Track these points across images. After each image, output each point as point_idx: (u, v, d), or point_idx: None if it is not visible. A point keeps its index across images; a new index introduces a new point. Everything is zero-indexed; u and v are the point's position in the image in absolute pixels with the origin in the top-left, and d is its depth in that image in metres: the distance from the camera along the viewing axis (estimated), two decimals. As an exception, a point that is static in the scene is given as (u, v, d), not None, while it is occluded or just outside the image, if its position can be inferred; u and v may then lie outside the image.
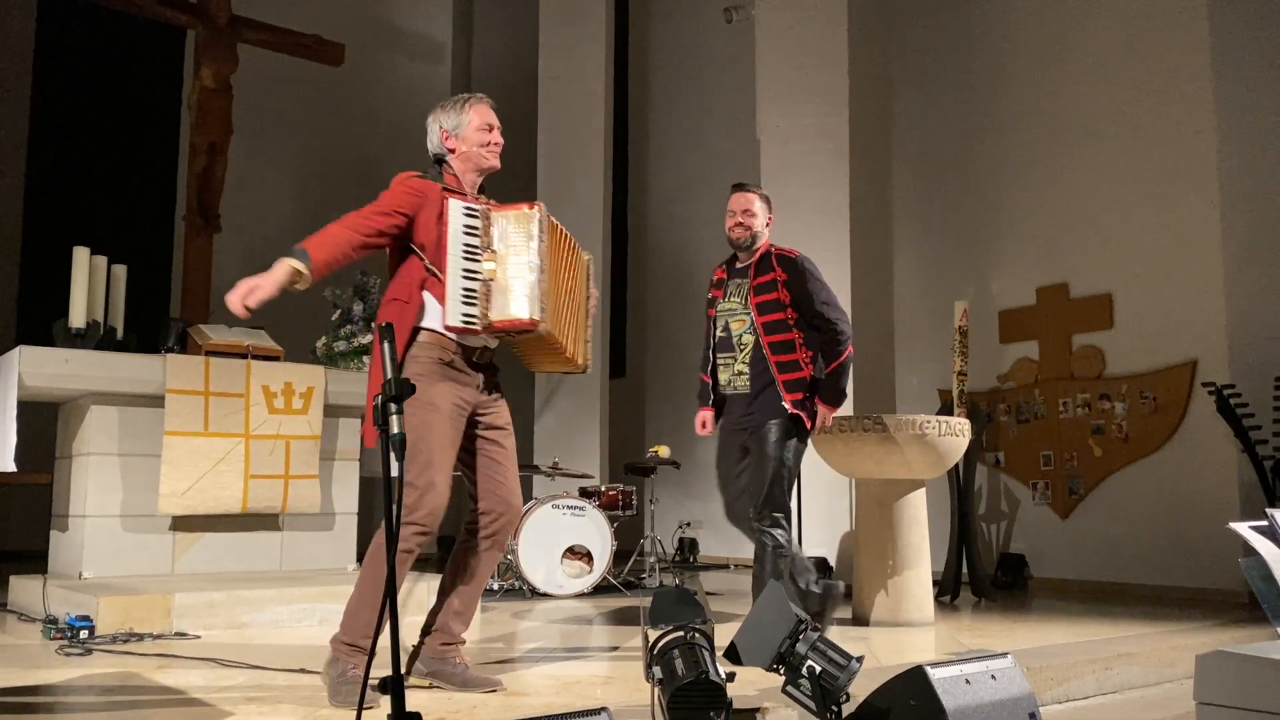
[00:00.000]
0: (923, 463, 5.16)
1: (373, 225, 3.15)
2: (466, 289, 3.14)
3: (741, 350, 4.23)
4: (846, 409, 6.88)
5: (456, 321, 3.15)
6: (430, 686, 3.26)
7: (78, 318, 5.43)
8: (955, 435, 5.17)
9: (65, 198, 9.85)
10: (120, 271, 5.87)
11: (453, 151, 3.36)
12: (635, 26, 11.19)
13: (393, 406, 2.41)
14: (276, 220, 9.62)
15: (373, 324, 3.44)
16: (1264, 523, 3.22)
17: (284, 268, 2.98)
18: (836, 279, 7.07)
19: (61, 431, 5.70)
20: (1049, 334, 7.49)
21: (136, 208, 9.95)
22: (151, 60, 10.14)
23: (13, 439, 4.89)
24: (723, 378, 4.22)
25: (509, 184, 12.43)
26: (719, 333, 4.22)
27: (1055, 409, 7.39)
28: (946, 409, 6.94)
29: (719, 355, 4.23)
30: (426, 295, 3.19)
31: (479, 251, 3.18)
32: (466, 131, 3.34)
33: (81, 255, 5.51)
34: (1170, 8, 6.95)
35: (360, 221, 3.14)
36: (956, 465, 6.09)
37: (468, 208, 3.21)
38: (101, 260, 5.67)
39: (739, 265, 4.33)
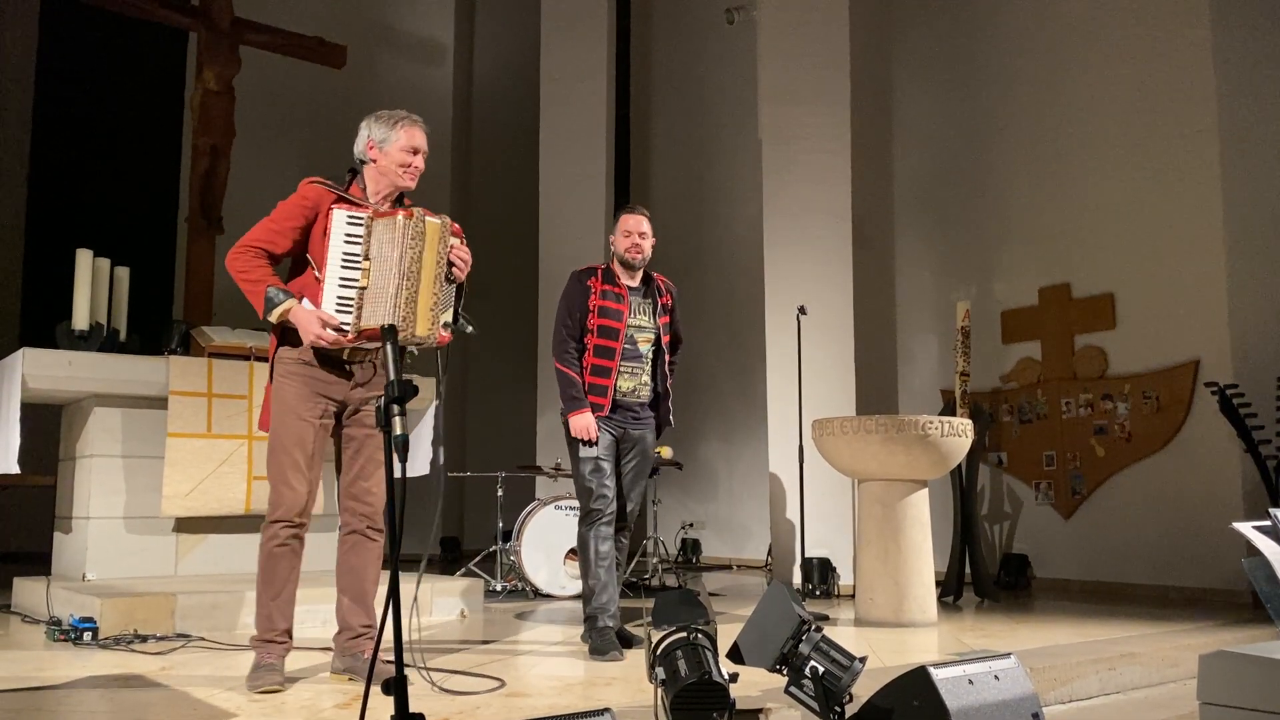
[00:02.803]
0: (925, 463, 5.16)
1: (271, 250, 3.31)
2: (341, 297, 3.23)
3: (646, 362, 4.44)
4: (849, 409, 6.91)
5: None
6: (350, 680, 3.40)
7: (81, 320, 5.44)
8: (958, 435, 5.17)
9: (68, 200, 9.86)
10: (123, 274, 5.88)
11: (374, 162, 3.43)
12: (636, 28, 11.20)
13: (395, 408, 2.43)
14: (279, 222, 9.62)
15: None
16: (1267, 522, 3.23)
17: (306, 312, 3.24)
18: (838, 280, 7.11)
19: (65, 433, 5.71)
20: (1051, 334, 7.48)
21: (139, 210, 9.96)
22: (154, 63, 10.15)
23: (16, 441, 4.90)
24: (626, 385, 4.36)
25: (510, 183, 12.43)
26: (625, 344, 4.35)
27: (1058, 409, 7.39)
28: (949, 409, 6.94)
29: (625, 363, 4.35)
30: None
31: (358, 260, 3.24)
32: (391, 149, 3.41)
33: (84, 258, 5.52)
34: (1172, 7, 6.94)
35: (262, 250, 3.30)
36: (959, 465, 6.09)
37: (351, 217, 3.27)
38: (104, 262, 5.68)
39: (631, 284, 4.44)
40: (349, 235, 3.25)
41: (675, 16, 10.91)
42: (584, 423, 4.26)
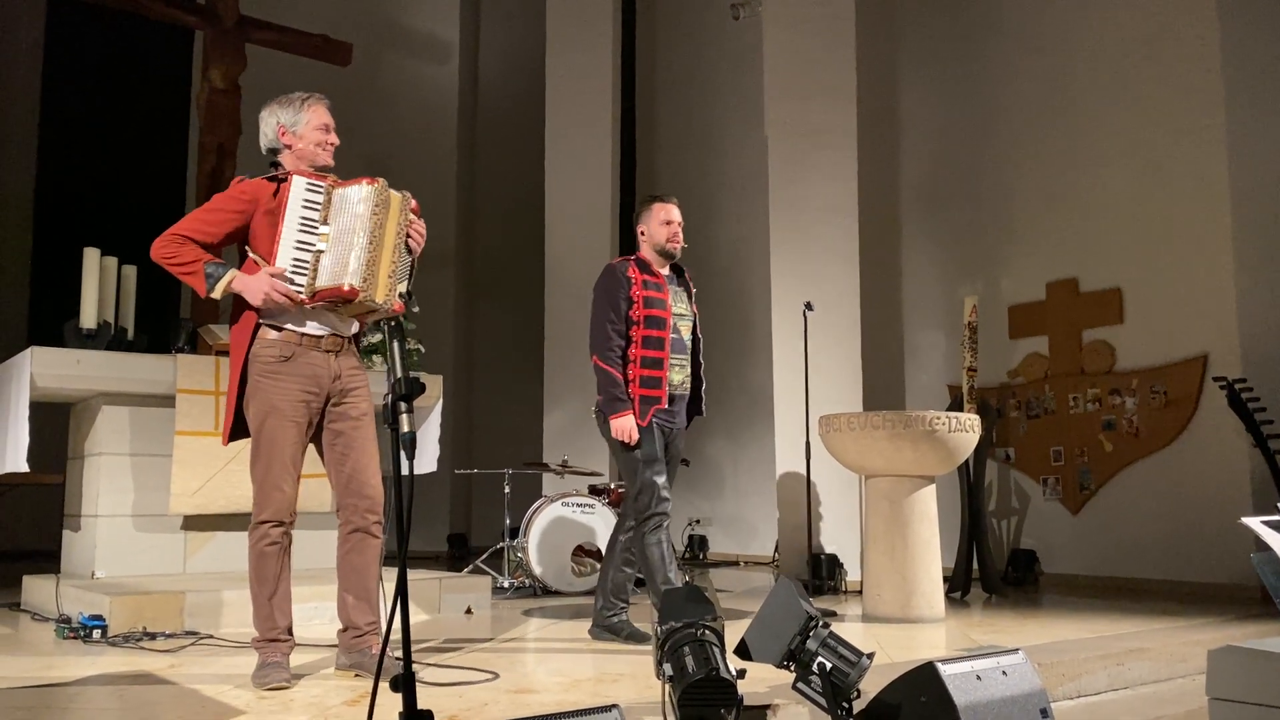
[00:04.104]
0: (933, 459, 5.15)
1: (201, 240, 3.30)
2: (297, 259, 3.25)
3: (688, 353, 4.39)
4: (856, 405, 6.90)
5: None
6: (356, 676, 3.42)
7: (89, 319, 5.46)
8: (965, 431, 5.17)
9: (75, 199, 9.89)
10: (130, 272, 5.89)
11: (289, 147, 3.45)
12: (642, 24, 11.18)
13: (402, 405, 2.42)
14: (285, 220, 9.63)
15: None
16: (1276, 517, 3.21)
17: (253, 276, 3.25)
18: (845, 275, 7.11)
19: (73, 432, 5.73)
20: (1059, 329, 7.47)
21: (146, 209, 9.97)
22: (160, 62, 10.18)
23: (25, 439, 4.91)
24: (677, 378, 4.33)
25: (516, 180, 12.41)
26: (672, 334, 4.29)
27: (1065, 404, 7.37)
28: (956, 405, 6.93)
29: (674, 355, 4.30)
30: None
31: (315, 225, 3.26)
32: (304, 130, 3.43)
33: (92, 256, 5.53)
34: (1179, 2, 6.91)
35: (189, 239, 3.29)
36: (966, 461, 6.08)
37: (310, 183, 3.30)
38: (112, 261, 5.70)
39: (664, 272, 4.39)
40: (308, 201, 3.26)
41: (681, 12, 10.90)
42: (627, 425, 4.14)
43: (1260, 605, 5.75)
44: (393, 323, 2.76)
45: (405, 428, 2.41)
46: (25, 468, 4.93)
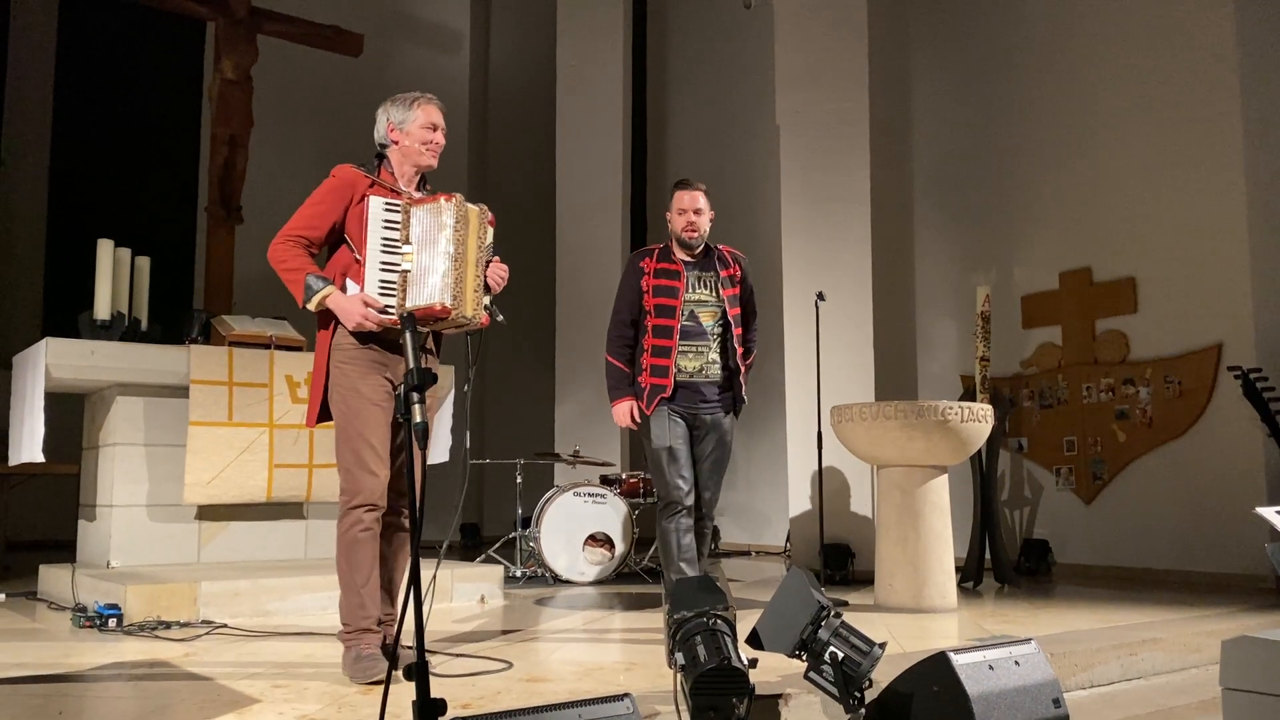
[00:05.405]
0: (945, 449, 5.14)
1: (310, 236, 3.34)
2: (384, 280, 3.28)
3: (714, 339, 4.27)
4: (868, 395, 6.89)
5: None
6: None
7: (103, 310, 5.49)
8: (978, 421, 5.15)
9: (89, 191, 9.93)
10: (144, 264, 5.92)
11: (395, 144, 3.50)
12: (653, 13, 11.16)
13: (414, 396, 2.43)
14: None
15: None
16: (1291, 507, 3.20)
17: (347, 298, 3.28)
18: (858, 266, 7.09)
19: (88, 422, 5.76)
20: (1072, 318, 7.43)
21: (159, 200, 10.02)
22: (172, 53, 10.20)
23: (41, 430, 4.95)
24: (689, 365, 4.21)
25: (527, 170, 12.36)
26: (684, 322, 4.22)
27: (1078, 394, 7.35)
28: (969, 395, 6.92)
29: (685, 342, 4.21)
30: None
31: (398, 244, 3.29)
32: (411, 128, 3.48)
33: (105, 248, 5.56)
34: (1195, -13, 6.86)
35: (301, 238, 3.34)
36: (979, 451, 6.06)
37: (388, 203, 3.32)
38: (125, 253, 5.73)
39: (687, 259, 4.34)
40: (387, 221, 3.29)
41: (692, 2, 10.86)
42: (622, 411, 4.18)
43: (1275, 595, 5.73)
44: (405, 314, 2.77)
45: (418, 418, 2.42)
46: (41, 458, 4.97)
